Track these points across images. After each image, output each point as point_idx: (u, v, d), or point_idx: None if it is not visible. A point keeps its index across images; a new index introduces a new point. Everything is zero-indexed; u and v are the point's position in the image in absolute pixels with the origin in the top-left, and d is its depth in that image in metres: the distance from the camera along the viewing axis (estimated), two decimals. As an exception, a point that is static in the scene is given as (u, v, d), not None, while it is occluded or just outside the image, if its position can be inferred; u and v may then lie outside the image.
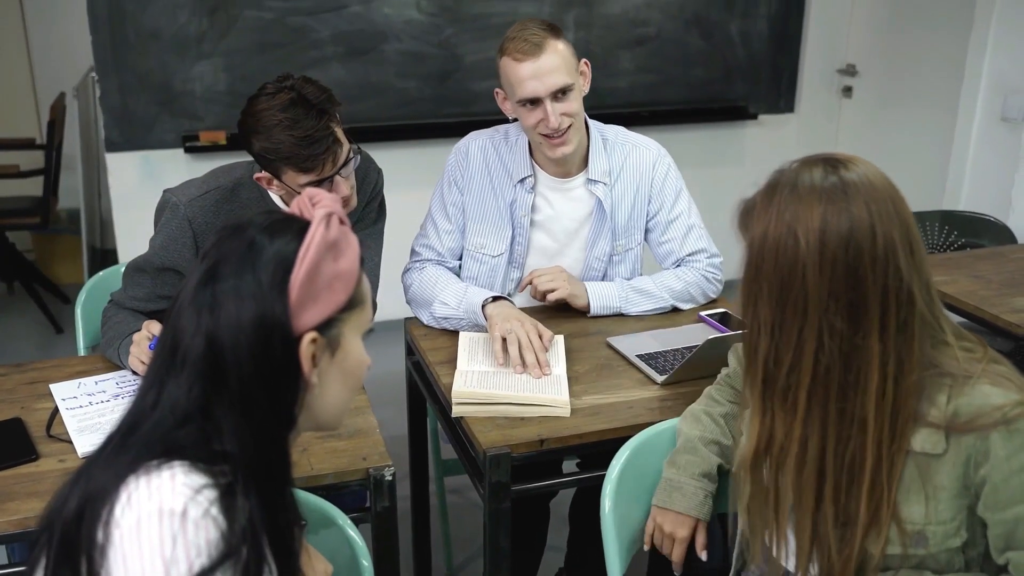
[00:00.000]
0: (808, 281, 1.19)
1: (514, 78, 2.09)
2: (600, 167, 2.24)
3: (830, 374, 1.21)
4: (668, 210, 2.30)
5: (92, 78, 4.05)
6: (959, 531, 1.24)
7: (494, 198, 2.26)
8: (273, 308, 1.04)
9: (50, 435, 1.75)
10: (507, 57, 2.09)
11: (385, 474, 1.64)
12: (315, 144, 1.84)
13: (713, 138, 4.61)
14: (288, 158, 1.84)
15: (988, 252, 2.87)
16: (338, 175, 1.91)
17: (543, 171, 2.26)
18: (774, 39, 4.49)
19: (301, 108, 1.84)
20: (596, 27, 4.18)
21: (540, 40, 2.06)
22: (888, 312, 1.19)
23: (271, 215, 1.12)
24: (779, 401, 1.26)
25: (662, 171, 2.29)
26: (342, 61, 3.91)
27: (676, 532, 1.58)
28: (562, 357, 1.99)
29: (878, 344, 1.19)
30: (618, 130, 2.33)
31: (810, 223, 1.19)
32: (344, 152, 1.91)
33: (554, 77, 2.06)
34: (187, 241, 1.98)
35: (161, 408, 1.03)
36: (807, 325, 1.20)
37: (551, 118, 2.08)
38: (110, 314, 2.05)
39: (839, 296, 1.18)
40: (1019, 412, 1.19)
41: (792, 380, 1.23)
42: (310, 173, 1.87)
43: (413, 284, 2.28)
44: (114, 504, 0.96)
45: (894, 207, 1.20)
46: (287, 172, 1.88)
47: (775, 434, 1.28)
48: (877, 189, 1.20)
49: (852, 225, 1.18)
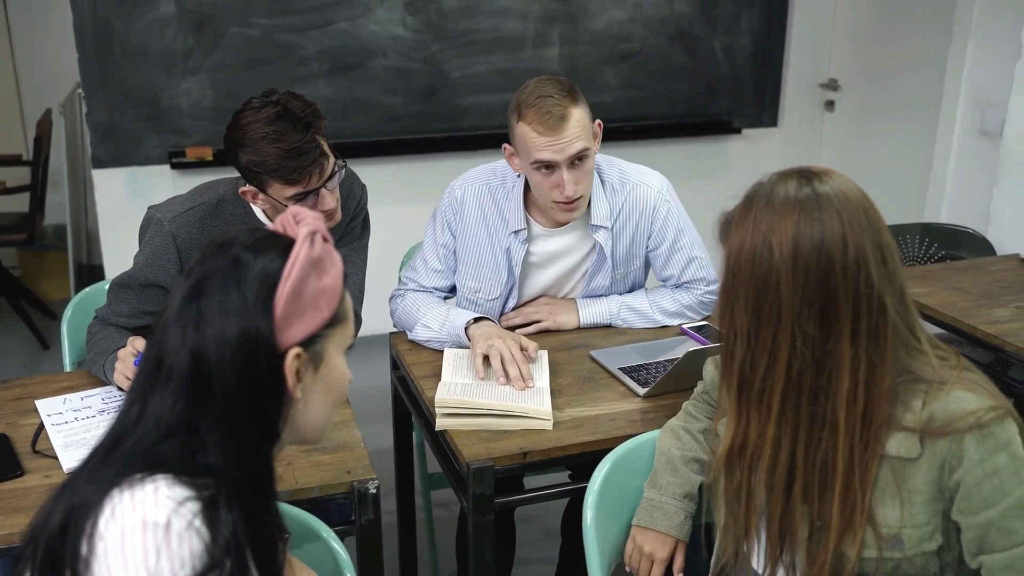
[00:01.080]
0: (782, 289, 1.22)
1: (531, 145, 2.03)
2: (601, 212, 2.21)
3: (803, 378, 1.24)
4: (669, 244, 2.29)
5: (78, 94, 4.06)
6: (934, 535, 1.27)
7: (490, 245, 2.25)
8: (258, 324, 1.06)
9: (35, 451, 1.75)
10: (526, 125, 2.03)
11: (369, 487, 1.65)
12: (301, 156, 1.85)
13: (697, 152, 4.64)
14: (274, 170, 1.86)
15: (967, 264, 2.90)
16: (324, 188, 1.92)
17: (538, 223, 2.23)
18: (757, 54, 4.53)
19: (287, 121, 1.85)
20: (581, 42, 4.21)
21: (562, 111, 2.00)
22: (859, 319, 1.22)
23: (255, 232, 1.14)
24: (754, 404, 1.29)
25: (663, 211, 2.26)
26: (328, 77, 3.93)
27: (656, 553, 1.60)
28: (545, 370, 2.01)
29: (849, 350, 1.22)
30: (614, 167, 2.28)
31: (784, 234, 1.22)
32: (330, 165, 1.93)
33: (573, 146, 2.02)
34: (172, 257, 1.99)
35: (145, 422, 1.05)
36: (781, 331, 1.23)
37: (568, 187, 2.05)
38: (95, 330, 2.06)
39: (811, 303, 1.21)
40: (992, 417, 1.22)
41: (767, 384, 1.26)
42: (296, 185, 1.88)
43: (397, 310, 2.30)
44: (98, 517, 0.97)
45: (867, 217, 1.24)
46: (273, 185, 1.89)
47: (749, 435, 1.31)
48: (850, 200, 1.24)
49: (824, 235, 1.21)
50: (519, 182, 2.21)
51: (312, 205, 1.92)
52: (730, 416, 1.33)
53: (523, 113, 2.03)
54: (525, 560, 2.79)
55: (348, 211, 2.17)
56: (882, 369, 1.24)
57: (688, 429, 1.66)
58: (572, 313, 2.29)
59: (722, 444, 1.36)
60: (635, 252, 2.30)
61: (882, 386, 1.24)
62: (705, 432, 1.65)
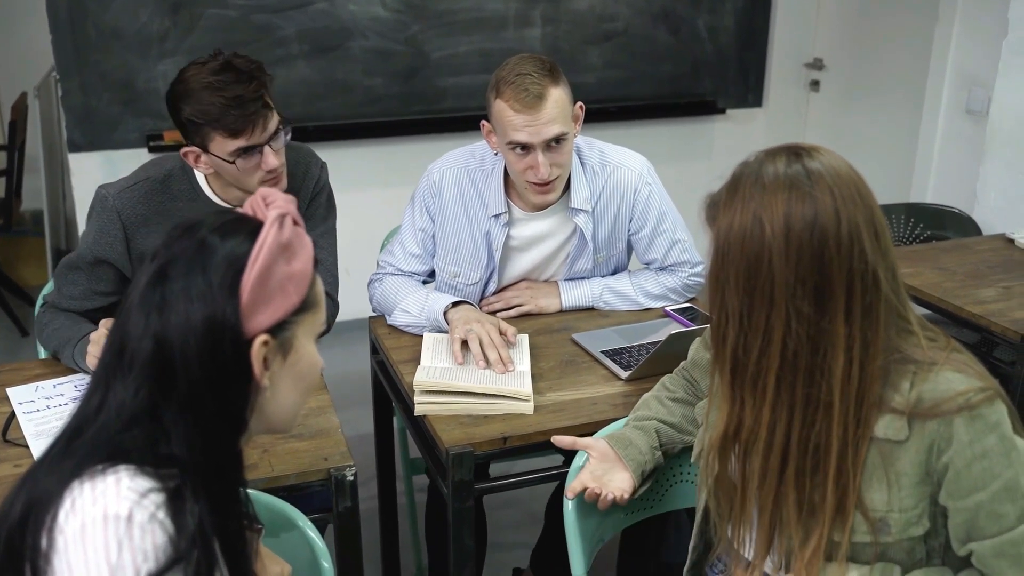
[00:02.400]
0: (774, 267, 1.19)
1: (507, 124, 2.00)
2: (581, 195, 2.18)
3: (798, 358, 1.21)
4: (651, 228, 2.26)
5: (53, 78, 3.99)
6: (921, 519, 1.25)
7: (469, 229, 2.21)
8: (224, 310, 1.02)
9: (6, 439, 1.72)
10: (503, 102, 1.99)
11: (347, 474, 1.62)
12: (245, 105, 1.82)
13: (681, 133, 4.61)
14: (217, 120, 1.82)
15: (953, 244, 2.89)
16: (268, 146, 1.88)
17: (518, 207, 2.20)
18: (741, 34, 4.50)
19: (231, 73, 1.83)
20: (563, 22, 4.17)
21: (541, 91, 1.96)
22: (853, 296, 1.19)
23: (223, 215, 1.10)
24: (748, 388, 1.26)
25: (644, 194, 2.23)
26: (307, 59, 3.88)
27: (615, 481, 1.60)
28: (526, 354, 1.98)
29: (844, 327, 1.20)
30: (595, 149, 2.24)
31: (775, 210, 1.19)
32: (274, 121, 1.89)
33: (550, 128, 1.98)
34: (117, 233, 1.95)
35: (107, 411, 1.01)
36: (774, 311, 1.20)
37: (541, 169, 2.01)
38: (47, 319, 2.01)
39: (805, 281, 1.19)
40: (982, 398, 1.20)
41: (761, 366, 1.23)
42: (239, 137, 1.84)
43: (376, 294, 2.27)
44: (58, 510, 0.94)
45: (858, 193, 1.21)
46: (215, 139, 1.85)
47: (744, 420, 1.28)
48: (841, 176, 1.21)
49: (816, 210, 1.18)
50: (499, 165, 2.18)
51: (256, 164, 1.88)
52: (722, 401, 1.31)
53: (501, 90, 2.00)
54: (508, 545, 2.77)
55: (308, 191, 2.13)
56: (875, 347, 1.21)
57: (658, 397, 1.68)
58: (554, 296, 2.26)
59: (714, 430, 1.33)
60: (617, 236, 2.27)
61: (875, 365, 1.22)
62: (676, 400, 1.67)
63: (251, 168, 1.89)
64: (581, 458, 1.65)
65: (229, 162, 1.87)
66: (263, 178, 1.91)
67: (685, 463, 1.75)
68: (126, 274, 2.01)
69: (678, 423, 1.65)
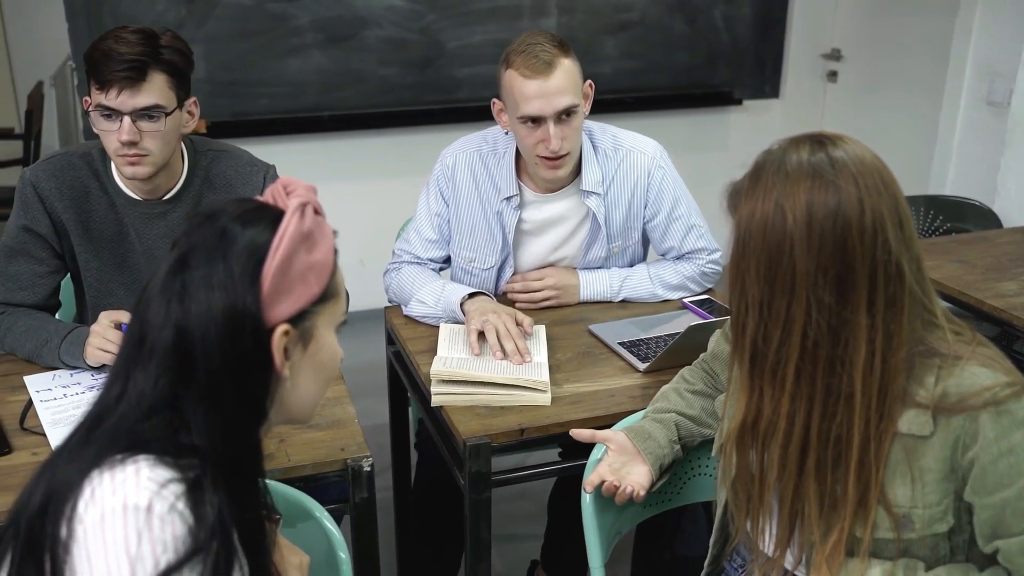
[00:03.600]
0: (796, 256, 1.18)
1: (519, 94, 2.01)
2: (593, 177, 2.18)
3: (818, 349, 1.20)
4: (666, 214, 2.25)
5: (70, 66, 4.00)
6: (945, 516, 1.24)
7: (483, 212, 2.21)
8: (244, 299, 1.02)
9: (24, 428, 1.72)
10: (513, 71, 2.01)
11: (363, 465, 1.62)
12: (115, 62, 1.75)
13: (698, 124, 4.59)
14: (92, 66, 1.77)
15: (974, 237, 2.87)
16: (130, 118, 1.79)
17: (529, 188, 2.20)
18: (758, 24, 4.46)
19: (139, 35, 1.77)
20: (579, 12, 4.15)
21: (551, 58, 1.98)
22: (876, 286, 1.18)
23: (244, 203, 1.09)
24: (767, 378, 1.25)
25: (658, 177, 2.23)
26: (322, 48, 3.87)
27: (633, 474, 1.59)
28: (543, 345, 1.97)
29: (866, 318, 1.18)
30: (607, 133, 2.24)
31: (798, 199, 1.18)
32: (149, 100, 1.79)
33: (561, 98, 1.99)
34: (37, 205, 1.94)
35: (127, 400, 1.01)
36: (795, 300, 1.19)
37: (553, 141, 2.01)
38: (7, 323, 1.95)
39: (827, 270, 1.17)
40: (1008, 393, 1.18)
41: (781, 356, 1.22)
42: (101, 92, 1.78)
43: (392, 284, 2.27)
44: (77, 499, 0.94)
45: (882, 182, 1.19)
46: (91, 88, 1.80)
47: (763, 410, 1.27)
48: (865, 164, 1.20)
49: (840, 199, 1.17)
50: (510, 148, 2.18)
51: (111, 131, 1.81)
52: (741, 391, 1.30)
53: (511, 60, 2.02)
54: (523, 536, 2.77)
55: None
56: (899, 339, 1.20)
57: (677, 390, 1.67)
58: (574, 293, 2.25)
59: (733, 421, 1.32)
60: (632, 224, 2.26)
61: (898, 357, 1.20)
62: (695, 393, 1.66)
63: (110, 132, 1.81)
64: (599, 451, 1.64)
65: (88, 112, 1.82)
66: (119, 150, 1.83)
67: (703, 456, 1.73)
68: (55, 248, 1.98)
69: (697, 416, 1.64)
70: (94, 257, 2.00)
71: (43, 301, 2.00)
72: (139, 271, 2.00)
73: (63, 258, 2.01)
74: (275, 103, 3.88)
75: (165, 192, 1.97)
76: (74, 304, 2.17)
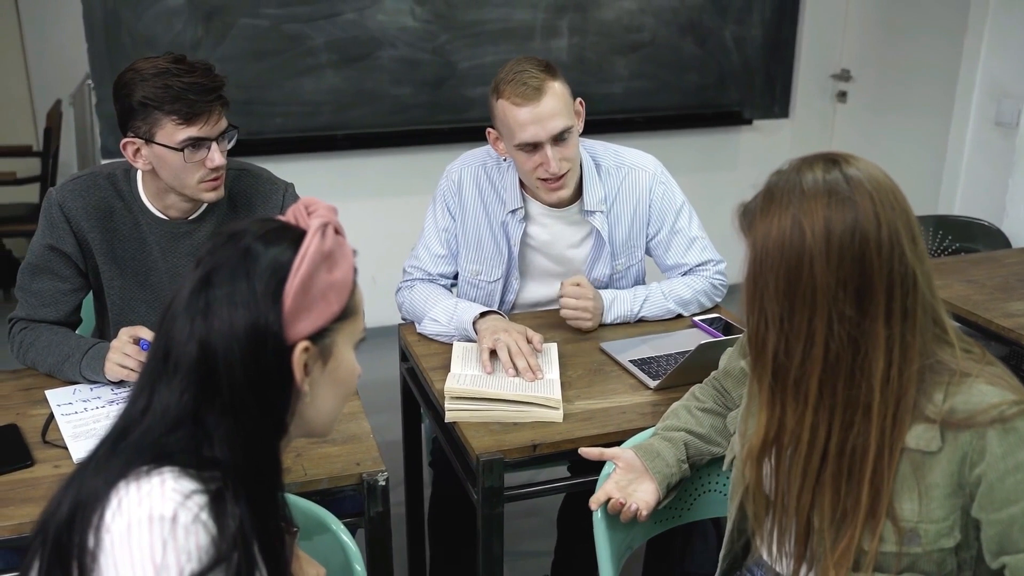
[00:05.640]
0: (816, 271, 1.20)
1: (513, 122, 2.04)
2: (595, 196, 2.22)
3: (840, 360, 1.22)
4: (669, 228, 2.29)
5: (88, 85, 4.05)
6: (952, 531, 1.25)
7: (489, 226, 2.25)
8: (267, 317, 1.05)
9: (45, 441, 1.75)
10: (504, 100, 2.04)
11: (379, 479, 1.64)
12: (202, 93, 1.80)
13: (707, 144, 4.62)
14: (173, 102, 1.78)
15: (982, 257, 2.88)
16: (216, 142, 1.86)
17: (534, 201, 2.24)
18: (768, 44, 4.50)
19: (186, 65, 1.82)
20: (590, 33, 4.19)
21: (539, 83, 2.01)
22: (893, 298, 1.20)
23: (267, 223, 1.12)
24: (790, 392, 1.27)
25: (659, 192, 2.27)
26: (337, 68, 3.92)
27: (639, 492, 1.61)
28: (555, 363, 2.00)
29: (884, 329, 1.21)
30: (610, 150, 2.28)
31: (815, 216, 1.20)
32: (225, 120, 1.87)
33: (555, 121, 2.03)
34: (63, 224, 1.97)
35: (152, 414, 1.04)
36: (817, 314, 1.21)
37: (552, 164, 2.05)
38: (30, 338, 1.99)
39: (847, 284, 1.20)
40: (1016, 411, 1.20)
41: (804, 370, 1.24)
42: (192, 126, 1.81)
43: (405, 303, 2.30)
44: (104, 510, 0.97)
45: (895, 199, 1.23)
46: (165, 126, 1.81)
47: (785, 424, 1.29)
48: (879, 182, 1.23)
49: (857, 215, 1.20)
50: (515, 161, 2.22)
51: (201, 160, 1.85)
52: (761, 408, 1.31)
53: (501, 90, 2.05)
54: (531, 553, 2.78)
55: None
56: (913, 350, 1.22)
57: (687, 407, 1.69)
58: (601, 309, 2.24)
59: (755, 436, 1.34)
60: (635, 242, 2.29)
61: (912, 368, 1.23)
62: (705, 411, 1.68)
63: (196, 163, 1.86)
64: (609, 468, 1.66)
65: (177, 149, 1.83)
66: (204, 176, 1.88)
67: (713, 473, 1.75)
68: (80, 266, 2.01)
69: (706, 434, 1.66)
70: (118, 275, 2.03)
71: (65, 318, 2.03)
72: (162, 289, 2.04)
73: (86, 276, 2.05)
74: (290, 122, 3.92)
75: (194, 211, 2.01)
76: (94, 319, 2.20)
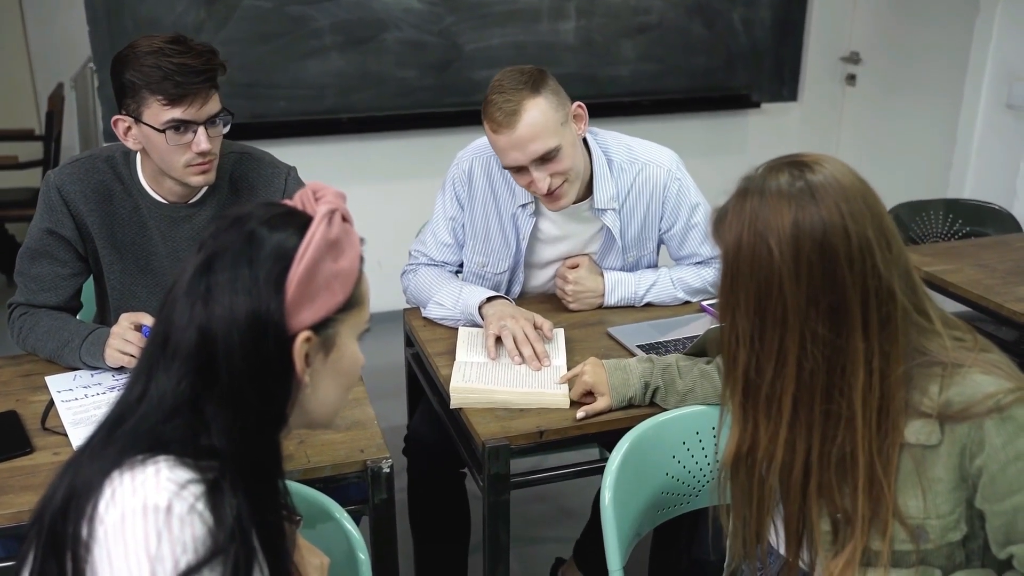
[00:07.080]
0: (786, 291, 1.16)
1: (495, 146, 2.00)
2: (607, 193, 2.16)
3: (815, 378, 1.19)
4: (684, 223, 2.25)
5: (90, 68, 4.03)
6: (958, 524, 1.23)
7: (498, 218, 2.21)
8: (268, 305, 1.01)
9: (45, 428, 1.73)
10: (486, 122, 1.99)
11: (383, 466, 1.62)
12: (189, 75, 1.76)
13: (716, 127, 4.58)
14: (159, 83, 1.75)
15: (993, 241, 2.85)
16: (203, 127, 1.82)
17: None
18: (777, 27, 4.45)
19: (183, 45, 1.78)
20: (598, 15, 4.15)
21: (515, 107, 1.92)
22: (869, 310, 1.17)
23: (272, 207, 1.09)
24: (762, 410, 1.23)
25: (674, 190, 2.21)
26: (341, 50, 3.89)
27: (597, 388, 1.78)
28: (562, 348, 1.97)
29: (862, 343, 1.17)
30: (623, 144, 2.22)
31: (781, 231, 1.16)
32: (215, 104, 1.83)
33: (535, 145, 1.94)
34: (61, 208, 1.95)
35: (148, 401, 1.01)
36: (788, 334, 1.18)
37: (539, 184, 1.99)
38: (30, 323, 1.97)
39: (818, 301, 1.16)
40: (1012, 399, 1.17)
41: (776, 388, 1.21)
42: (177, 107, 1.77)
43: (410, 286, 2.27)
44: (98, 500, 0.94)
45: (865, 204, 1.18)
46: (151, 105, 1.78)
47: (758, 440, 1.26)
48: (846, 188, 1.18)
49: (825, 228, 1.15)
50: None
51: (187, 144, 1.82)
52: (733, 421, 1.28)
53: (484, 110, 1.99)
54: (541, 539, 2.77)
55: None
56: (895, 356, 1.19)
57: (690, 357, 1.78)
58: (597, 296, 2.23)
59: (726, 450, 1.31)
60: (647, 235, 2.26)
61: (896, 374, 1.19)
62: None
63: (181, 146, 1.82)
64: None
65: (159, 131, 1.79)
66: (191, 160, 1.85)
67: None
68: (79, 250, 2.00)
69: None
70: (118, 260, 2.01)
71: (65, 302, 2.01)
72: (163, 274, 2.02)
73: (86, 260, 2.02)
74: (294, 105, 3.89)
75: (193, 195, 1.98)
76: (95, 305, 2.18)
